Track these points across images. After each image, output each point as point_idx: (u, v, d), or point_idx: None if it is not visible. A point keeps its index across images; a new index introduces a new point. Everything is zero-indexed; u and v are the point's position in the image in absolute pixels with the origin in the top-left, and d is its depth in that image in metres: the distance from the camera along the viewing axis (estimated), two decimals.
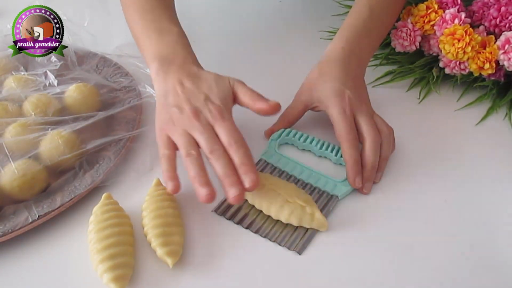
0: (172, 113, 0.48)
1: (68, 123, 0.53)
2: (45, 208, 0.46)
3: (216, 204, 0.49)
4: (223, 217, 0.47)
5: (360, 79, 0.56)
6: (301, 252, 0.44)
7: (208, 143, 0.45)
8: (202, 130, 0.46)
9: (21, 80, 0.58)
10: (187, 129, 0.46)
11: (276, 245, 0.45)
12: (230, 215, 0.48)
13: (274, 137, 0.55)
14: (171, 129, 0.47)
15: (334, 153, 0.53)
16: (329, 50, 0.56)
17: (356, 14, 0.58)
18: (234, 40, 0.55)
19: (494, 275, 0.43)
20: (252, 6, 0.81)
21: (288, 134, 0.55)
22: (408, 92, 0.63)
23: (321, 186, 0.50)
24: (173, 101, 0.49)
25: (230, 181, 0.43)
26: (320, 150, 0.53)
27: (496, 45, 0.59)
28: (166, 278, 0.43)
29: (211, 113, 0.47)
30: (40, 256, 0.45)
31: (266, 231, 0.46)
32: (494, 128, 0.58)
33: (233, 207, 0.48)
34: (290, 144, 0.55)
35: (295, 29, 0.76)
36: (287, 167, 0.52)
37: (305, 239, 0.45)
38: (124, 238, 0.43)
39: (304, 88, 0.55)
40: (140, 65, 0.65)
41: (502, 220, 0.48)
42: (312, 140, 0.54)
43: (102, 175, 0.49)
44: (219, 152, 0.45)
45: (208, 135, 0.46)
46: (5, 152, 0.48)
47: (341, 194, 0.49)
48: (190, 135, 0.46)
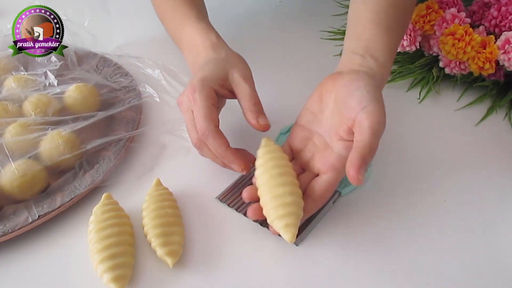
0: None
1: (68, 123, 0.53)
2: (45, 208, 0.46)
3: (220, 192, 0.49)
4: (223, 217, 0.48)
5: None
6: (298, 243, 0.45)
7: (189, 132, 0.48)
8: (184, 118, 0.49)
9: (21, 80, 0.58)
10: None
11: (275, 236, 0.45)
12: (233, 203, 0.48)
13: (283, 131, 0.55)
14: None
15: None
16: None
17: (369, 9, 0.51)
18: (234, 40, 0.56)
19: (495, 275, 0.43)
20: (252, 6, 0.81)
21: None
22: (408, 92, 0.63)
23: None
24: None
25: (226, 162, 0.47)
26: None
27: (496, 45, 0.59)
28: (166, 278, 0.43)
29: (187, 97, 0.49)
30: (40, 256, 0.45)
31: (265, 222, 0.46)
32: (494, 128, 0.58)
33: (237, 196, 0.49)
34: None
35: (295, 29, 0.76)
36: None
37: (303, 231, 0.46)
38: (124, 238, 0.43)
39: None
40: (140, 65, 0.65)
41: (502, 220, 0.48)
42: None
43: (102, 175, 0.49)
44: (200, 143, 0.48)
45: (187, 123, 0.49)
46: (5, 152, 0.48)
47: (343, 190, 0.49)
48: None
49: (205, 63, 0.52)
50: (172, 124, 0.57)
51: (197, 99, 0.47)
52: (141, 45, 0.70)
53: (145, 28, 0.72)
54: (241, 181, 0.51)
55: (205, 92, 0.48)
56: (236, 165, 0.47)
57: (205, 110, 0.47)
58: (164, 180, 0.49)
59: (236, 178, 0.51)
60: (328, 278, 0.43)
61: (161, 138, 0.56)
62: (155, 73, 0.64)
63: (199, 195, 0.50)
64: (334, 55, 0.69)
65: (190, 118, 0.48)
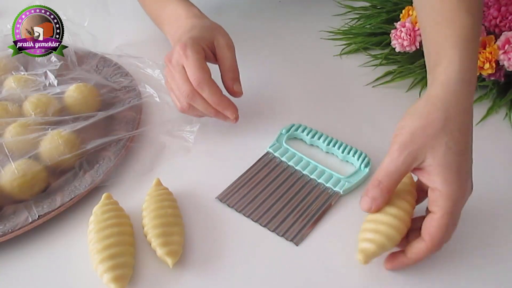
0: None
1: (68, 123, 0.53)
2: (45, 208, 0.46)
3: (220, 192, 0.50)
4: (223, 217, 0.48)
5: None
6: (298, 243, 0.45)
7: (180, 86, 0.51)
8: (172, 74, 0.52)
9: (21, 80, 0.58)
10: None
11: (275, 236, 0.45)
12: (233, 203, 0.49)
13: (283, 131, 0.56)
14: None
15: (340, 150, 0.53)
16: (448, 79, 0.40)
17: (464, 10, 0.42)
18: (234, 40, 0.56)
19: (495, 275, 0.43)
20: (252, 6, 0.81)
21: (297, 129, 0.56)
22: (408, 92, 0.63)
23: (324, 182, 0.50)
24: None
25: (221, 109, 0.51)
26: (328, 146, 0.54)
27: (496, 45, 0.59)
28: (166, 278, 0.43)
29: (178, 53, 0.51)
30: (40, 256, 0.45)
31: (266, 221, 0.47)
32: (494, 128, 0.58)
33: (237, 196, 0.49)
34: (298, 139, 0.56)
35: (295, 29, 0.76)
36: (293, 161, 0.53)
37: (303, 231, 0.46)
38: (124, 238, 0.43)
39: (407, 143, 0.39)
40: (140, 65, 0.65)
41: (502, 220, 0.48)
42: (320, 136, 0.55)
43: (102, 175, 0.49)
44: (193, 94, 0.50)
45: (177, 78, 0.51)
46: (5, 152, 0.48)
47: (343, 190, 0.49)
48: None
49: (192, 27, 0.55)
50: (172, 124, 0.57)
51: (189, 53, 0.50)
52: (141, 45, 0.70)
53: (145, 28, 0.72)
54: (241, 181, 0.51)
55: (196, 48, 0.51)
56: (230, 111, 0.51)
57: (199, 62, 0.50)
58: (164, 180, 0.49)
59: (236, 178, 0.51)
60: (328, 278, 0.43)
61: (161, 138, 0.56)
62: (155, 73, 0.64)
63: (199, 195, 0.50)
64: (334, 55, 0.69)
65: (181, 73, 0.51)
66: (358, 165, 0.52)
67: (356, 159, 0.52)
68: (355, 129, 0.57)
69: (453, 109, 0.39)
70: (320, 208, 0.48)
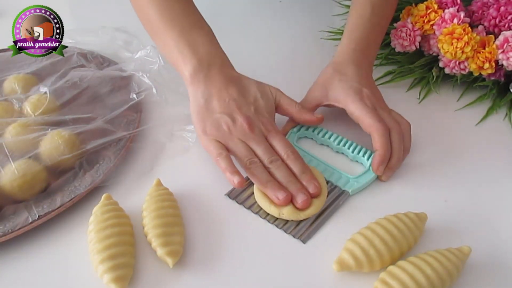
0: (224, 121, 0.50)
1: (68, 124, 0.53)
2: (45, 208, 0.46)
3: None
4: (223, 217, 0.48)
5: (371, 77, 0.58)
6: (305, 241, 0.45)
7: (267, 153, 0.49)
8: (259, 141, 0.50)
9: (21, 80, 0.58)
10: (244, 139, 0.50)
11: (283, 233, 0.46)
12: (242, 200, 0.49)
13: (294, 130, 0.56)
14: (225, 137, 0.50)
15: (351, 150, 0.53)
16: (340, 51, 0.58)
17: (358, 12, 0.59)
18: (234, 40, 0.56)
19: (495, 275, 0.43)
20: (253, 6, 0.81)
21: (307, 129, 0.56)
22: (408, 92, 0.64)
23: (334, 181, 0.51)
24: (220, 107, 0.51)
25: (297, 188, 0.47)
26: (338, 146, 0.54)
27: (495, 44, 0.59)
28: (167, 278, 0.43)
29: (264, 126, 0.51)
30: (40, 256, 0.45)
31: (274, 218, 0.47)
32: (494, 128, 0.58)
33: (245, 192, 0.50)
34: (309, 138, 0.56)
35: (295, 29, 0.76)
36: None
37: (311, 229, 0.46)
38: (124, 238, 0.43)
39: (318, 86, 0.57)
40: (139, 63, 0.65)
41: (502, 220, 0.48)
42: (330, 136, 0.55)
43: (102, 175, 0.49)
44: (279, 162, 0.48)
45: (265, 146, 0.50)
46: (5, 152, 0.48)
47: (352, 190, 0.49)
48: (248, 145, 0.49)
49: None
50: (172, 124, 0.57)
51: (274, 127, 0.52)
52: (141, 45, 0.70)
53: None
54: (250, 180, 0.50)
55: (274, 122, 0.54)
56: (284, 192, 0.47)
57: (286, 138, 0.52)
58: (164, 180, 0.49)
59: (244, 177, 0.51)
60: (334, 277, 0.43)
61: (161, 138, 0.56)
62: (154, 71, 0.64)
63: (199, 195, 0.50)
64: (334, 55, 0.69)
65: (266, 145, 0.50)
66: (367, 165, 0.52)
67: (366, 159, 0.52)
68: (360, 128, 0.56)
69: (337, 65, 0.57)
70: (329, 207, 0.48)
